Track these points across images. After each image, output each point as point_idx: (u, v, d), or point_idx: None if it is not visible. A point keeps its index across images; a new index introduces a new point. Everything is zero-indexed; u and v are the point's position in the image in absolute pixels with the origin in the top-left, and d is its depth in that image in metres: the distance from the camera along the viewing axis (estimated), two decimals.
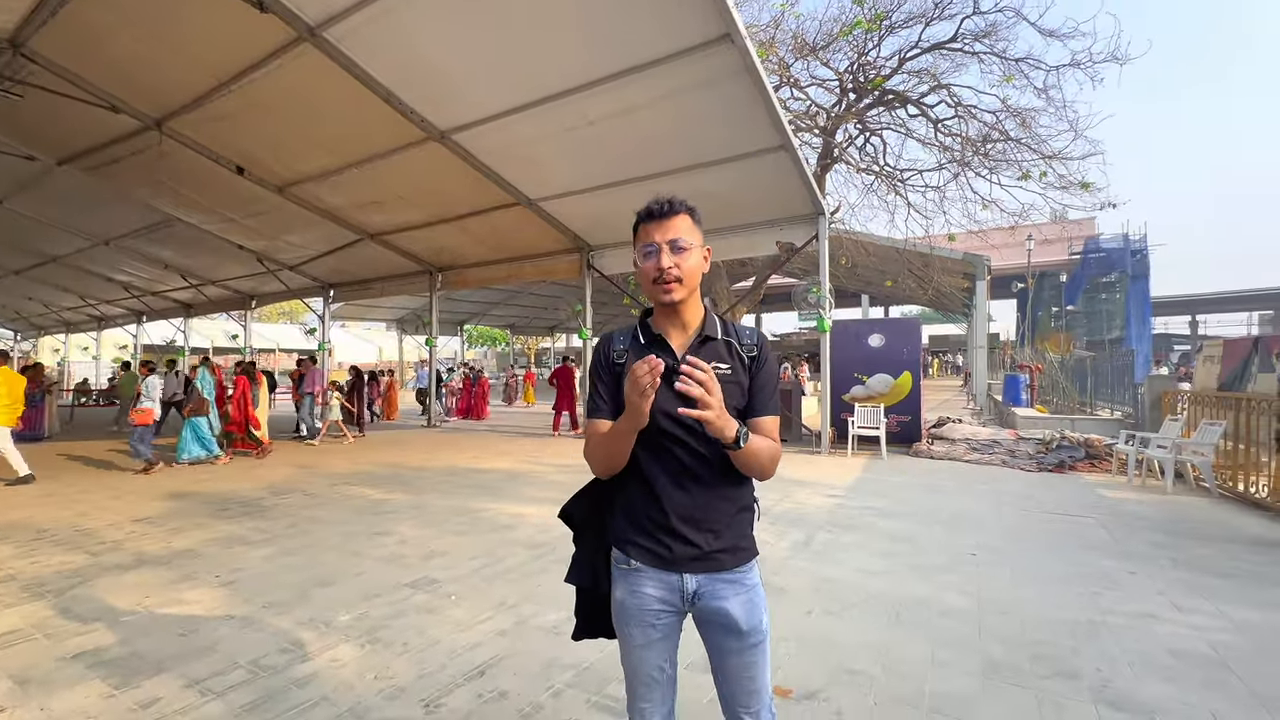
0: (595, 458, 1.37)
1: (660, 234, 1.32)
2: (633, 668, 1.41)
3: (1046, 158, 10.96)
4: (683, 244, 1.31)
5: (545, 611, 3.23)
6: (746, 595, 1.35)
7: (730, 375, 1.32)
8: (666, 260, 1.30)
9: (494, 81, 6.91)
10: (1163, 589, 3.60)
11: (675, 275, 1.30)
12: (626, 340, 1.43)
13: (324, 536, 4.68)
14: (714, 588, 1.34)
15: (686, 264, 1.31)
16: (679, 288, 1.31)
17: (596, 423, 1.38)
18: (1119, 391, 11.27)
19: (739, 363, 1.35)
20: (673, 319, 1.38)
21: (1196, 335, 39.53)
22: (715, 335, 1.37)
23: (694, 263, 1.33)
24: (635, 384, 1.16)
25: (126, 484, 6.76)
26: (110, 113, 7.99)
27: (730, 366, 1.33)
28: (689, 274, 1.32)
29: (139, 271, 16.25)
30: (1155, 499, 6.11)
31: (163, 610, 3.25)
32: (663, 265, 1.30)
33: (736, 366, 1.34)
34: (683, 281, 1.31)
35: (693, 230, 1.34)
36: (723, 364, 1.32)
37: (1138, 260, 22.29)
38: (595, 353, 1.46)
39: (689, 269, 1.31)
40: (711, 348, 1.35)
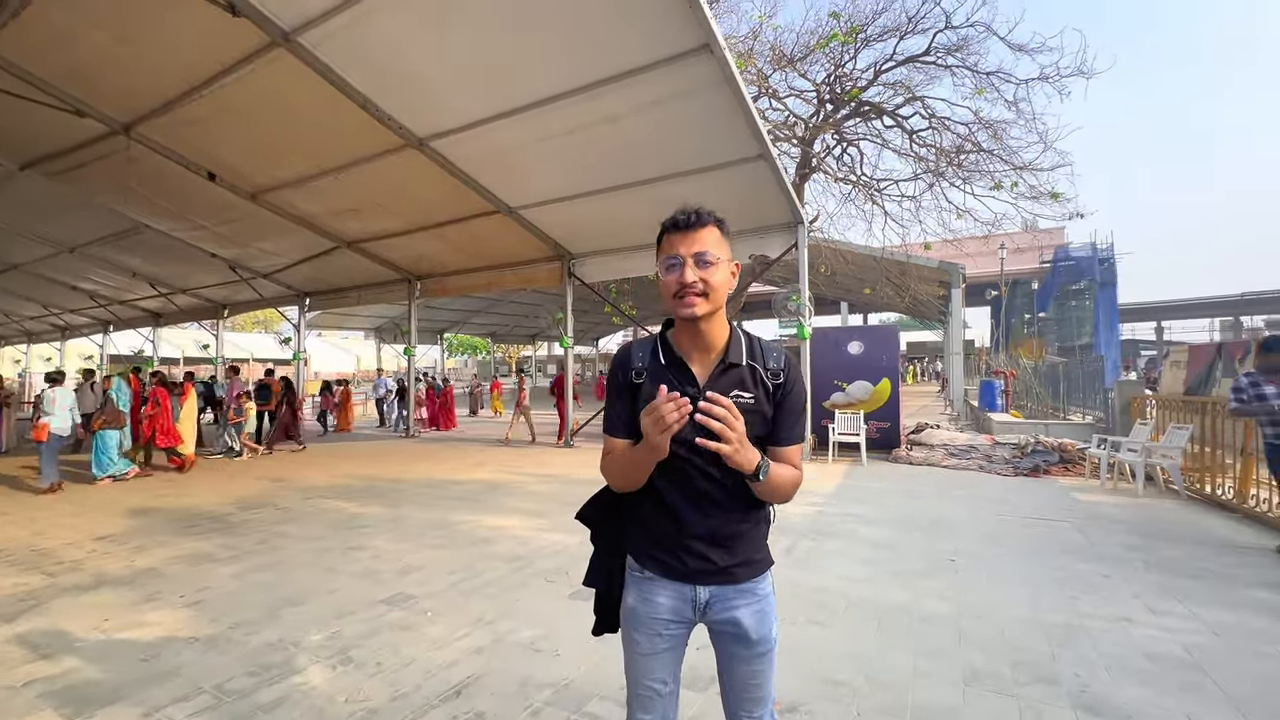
0: (611, 475, 1.36)
1: (685, 246, 1.25)
2: (635, 678, 1.40)
3: (1017, 169, 11.24)
4: (709, 258, 1.24)
5: (523, 627, 3.16)
6: (758, 605, 1.35)
7: (753, 404, 1.28)
8: (690, 275, 1.23)
9: (473, 89, 6.86)
10: (1137, 592, 3.66)
11: (699, 290, 1.23)
12: (646, 357, 1.36)
13: (296, 552, 4.55)
14: (726, 598, 1.35)
15: (712, 279, 1.24)
16: (702, 303, 1.24)
17: (613, 440, 1.35)
18: (1090, 396, 11.53)
19: (762, 391, 1.30)
20: (696, 337, 1.30)
21: (1162, 340, 40.77)
22: (739, 361, 1.30)
23: (720, 278, 1.25)
24: (658, 423, 1.11)
25: (89, 500, 6.51)
26: (75, 117, 7.75)
27: (753, 395, 1.29)
28: (714, 290, 1.24)
29: (105, 280, 15.77)
30: (1127, 502, 6.23)
31: (123, 634, 3.11)
32: (686, 280, 1.23)
33: (760, 395, 1.29)
34: (707, 297, 1.24)
35: (721, 243, 1.27)
36: (745, 392, 1.28)
37: (1105, 268, 22.97)
38: (613, 366, 1.41)
39: (714, 284, 1.24)
40: (734, 374, 1.30)
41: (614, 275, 11.33)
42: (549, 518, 5.57)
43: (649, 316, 29.31)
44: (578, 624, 3.19)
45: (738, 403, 1.25)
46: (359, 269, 12.77)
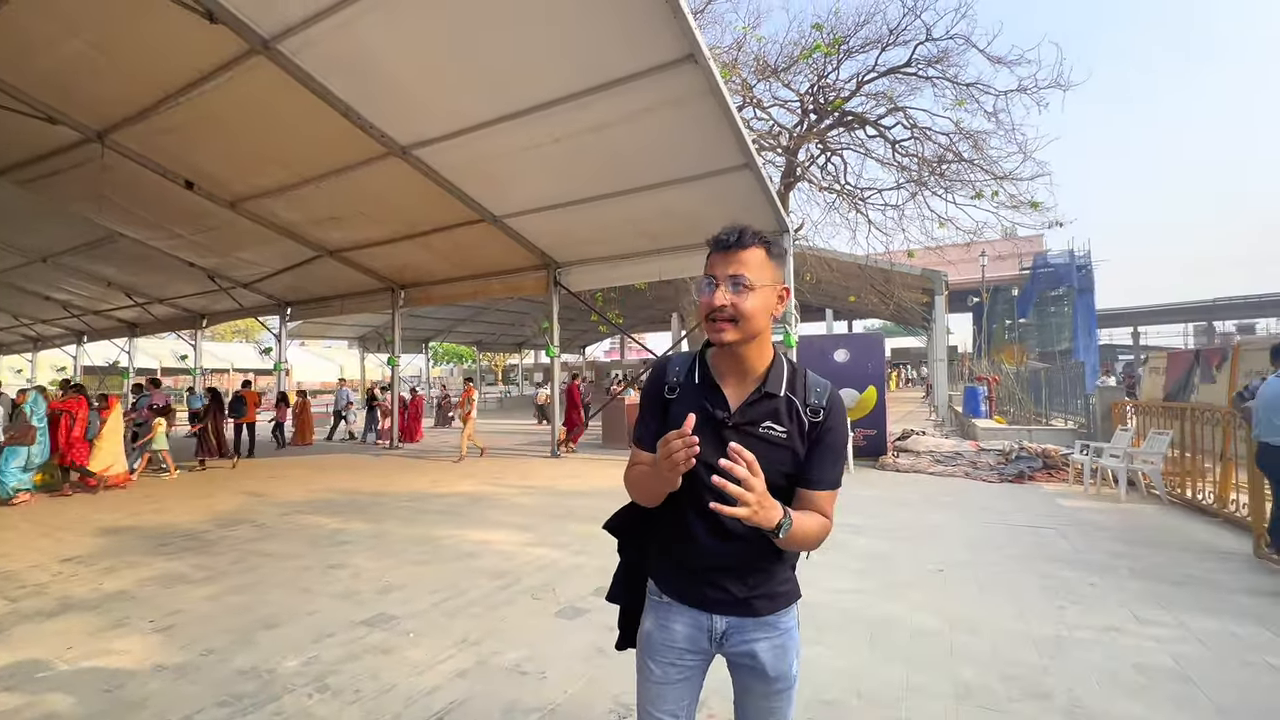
0: (633, 488, 1.31)
1: (723, 267, 1.18)
2: (644, 706, 1.34)
3: (998, 178, 11.42)
4: (745, 282, 1.16)
5: (508, 648, 3.07)
6: (778, 640, 1.28)
7: (784, 440, 1.21)
8: (721, 298, 1.16)
9: (456, 97, 6.81)
10: (1124, 600, 3.66)
11: (728, 315, 1.16)
12: (682, 373, 1.32)
13: (273, 572, 4.41)
14: (744, 630, 1.28)
15: (745, 304, 1.16)
16: (731, 329, 1.17)
17: (640, 453, 1.31)
18: (1071, 401, 11.70)
19: (796, 426, 1.22)
20: (734, 361, 1.24)
21: (1138, 345, 41.62)
22: (777, 392, 1.23)
23: (757, 304, 1.17)
24: (668, 459, 1.06)
25: (56, 519, 6.29)
26: (48, 124, 7.57)
27: (786, 431, 1.21)
28: (748, 315, 1.16)
29: (79, 289, 15.42)
30: (1110, 507, 6.29)
31: (87, 662, 2.98)
32: (715, 303, 1.17)
33: (793, 431, 1.22)
34: (737, 324, 1.16)
35: (764, 266, 1.19)
36: (778, 426, 1.21)
37: (1083, 275, 23.40)
38: (649, 378, 1.38)
39: (748, 310, 1.16)
40: (769, 405, 1.23)
41: (600, 284, 11.30)
42: (535, 531, 5.48)
43: (635, 325, 29.32)
44: (565, 644, 3.12)
45: (768, 436, 1.20)
46: (342, 278, 12.60)
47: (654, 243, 9.56)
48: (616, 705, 2.52)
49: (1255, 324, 40.40)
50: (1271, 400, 3.90)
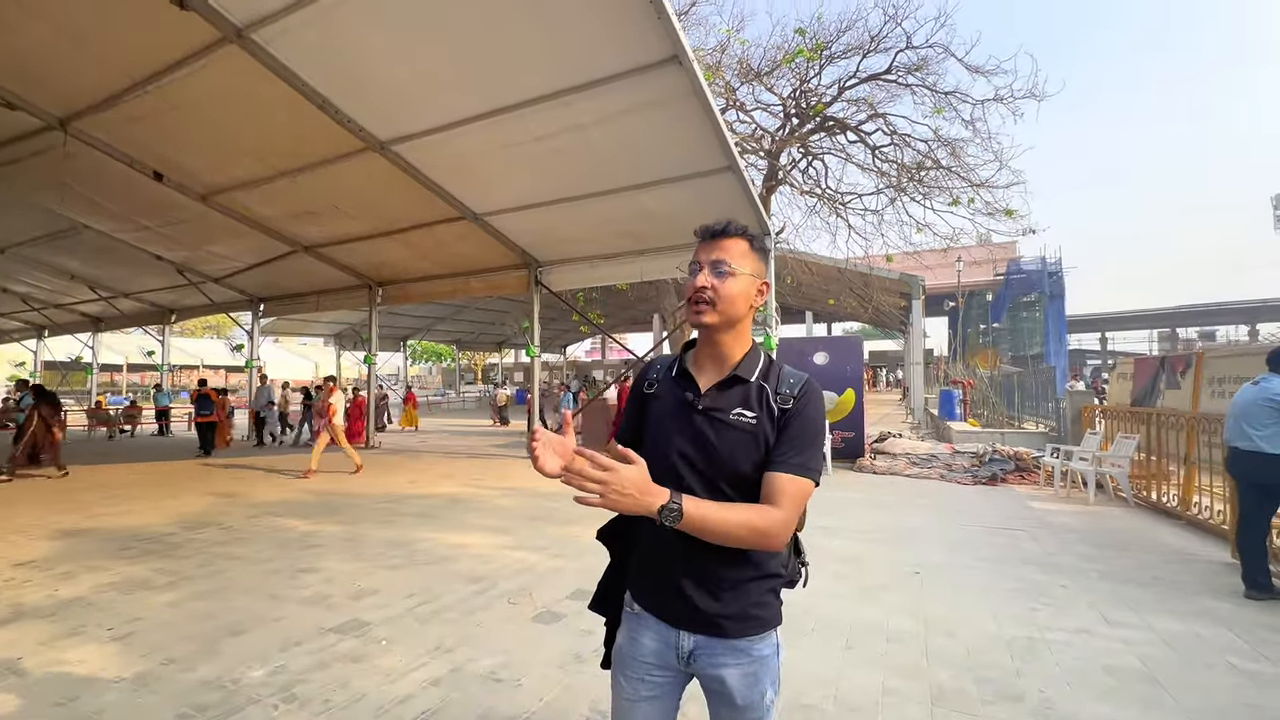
0: None
1: (706, 253, 1.23)
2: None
3: (975, 185, 11.63)
4: (726, 268, 1.20)
5: (483, 655, 3.02)
6: (749, 668, 1.21)
7: (753, 425, 1.18)
8: (703, 280, 1.20)
9: (438, 93, 6.70)
10: (1093, 602, 3.74)
11: (708, 297, 1.20)
12: (663, 370, 1.34)
13: (240, 576, 4.28)
14: (713, 652, 1.21)
15: (725, 288, 1.19)
16: (709, 312, 1.20)
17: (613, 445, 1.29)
18: (1043, 405, 11.96)
19: (766, 413, 1.19)
20: (712, 351, 1.26)
21: (1106, 351, 42.84)
22: (748, 378, 1.22)
23: (736, 289, 1.20)
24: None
25: (9, 522, 6.03)
26: (6, 109, 7.27)
27: (755, 417, 1.19)
28: (726, 299, 1.20)
29: (40, 282, 14.87)
30: (1079, 509, 6.43)
31: (38, 673, 2.84)
32: (697, 284, 1.21)
33: (762, 417, 1.19)
34: (715, 306, 1.20)
35: (745, 257, 1.22)
36: (748, 412, 1.19)
37: (1054, 281, 23.99)
38: (635, 377, 1.40)
39: (727, 294, 1.20)
40: (740, 391, 1.22)
41: (582, 284, 11.24)
42: (512, 534, 5.42)
43: (616, 325, 29.27)
44: (541, 650, 3.07)
45: (738, 423, 1.18)
46: (317, 274, 12.34)
47: (636, 243, 9.53)
48: (593, 713, 2.48)
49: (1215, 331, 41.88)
50: (1244, 407, 4.01)
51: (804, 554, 1.37)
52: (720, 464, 1.18)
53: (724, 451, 1.18)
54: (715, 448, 1.18)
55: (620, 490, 1.00)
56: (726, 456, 1.18)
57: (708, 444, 1.19)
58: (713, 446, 1.19)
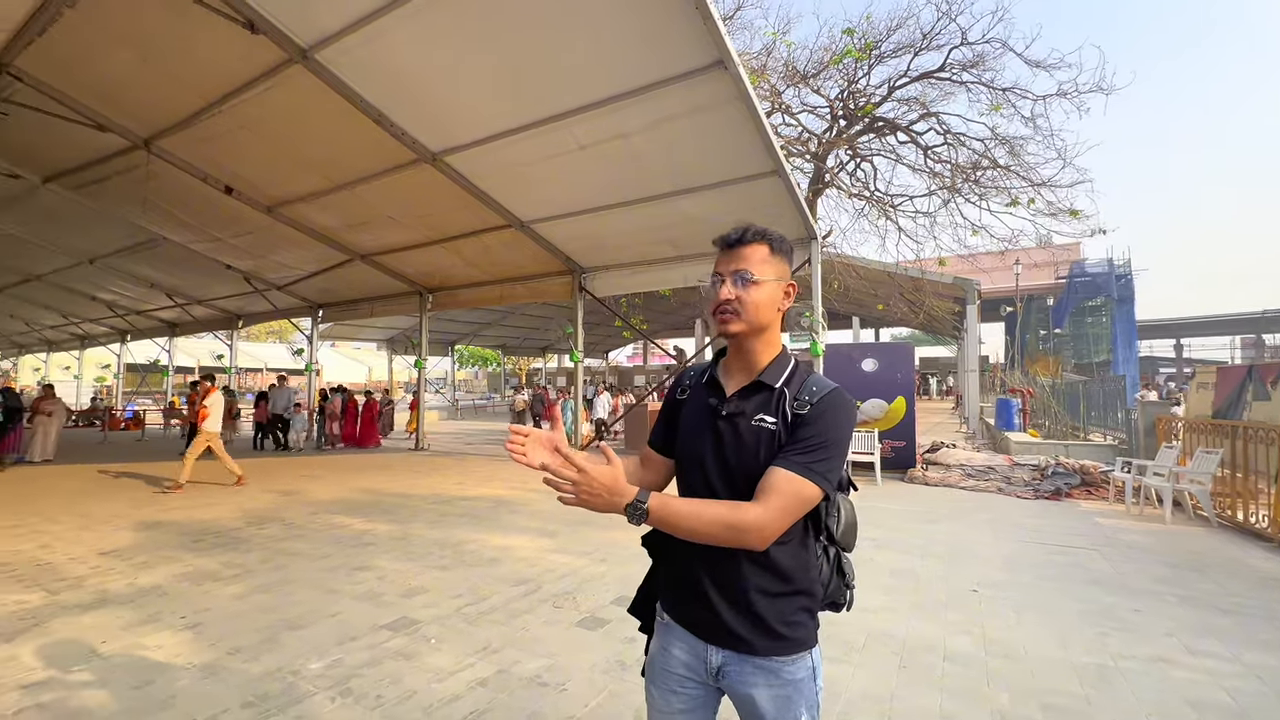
0: None
1: (726, 264, 1.23)
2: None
3: (1035, 185, 11.10)
4: (749, 276, 1.20)
5: (529, 658, 3.05)
6: (782, 690, 1.16)
7: (771, 430, 1.18)
8: (726, 292, 1.20)
9: (486, 105, 6.88)
10: (1171, 629, 3.48)
11: (733, 309, 1.20)
12: (696, 377, 1.36)
13: (300, 571, 4.47)
14: (742, 670, 1.18)
15: (749, 298, 1.19)
16: (736, 322, 1.21)
17: (646, 449, 1.39)
18: (1110, 416, 11.27)
19: (782, 419, 1.18)
20: (741, 358, 1.26)
21: (1181, 358, 40.04)
22: (772, 384, 1.22)
23: (761, 297, 1.20)
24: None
25: (97, 511, 6.49)
26: (97, 131, 7.88)
27: (775, 421, 1.18)
28: (751, 308, 1.20)
29: (124, 290, 16.00)
30: (1154, 528, 6.01)
31: (119, 657, 3.04)
32: (721, 297, 1.21)
33: (780, 424, 1.18)
34: (741, 315, 1.20)
35: (767, 262, 1.22)
36: (769, 417, 1.19)
37: (1123, 284, 22.63)
38: (670, 385, 1.44)
39: (752, 303, 1.20)
40: (763, 396, 1.21)
41: (625, 290, 11.29)
42: (556, 538, 5.47)
43: (659, 330, 29.27)
44: (585, 655, 3.08)
45: (760, 427, 1.18)
46: (371, 281, 12.84)
47: (679, 249, 9.52)
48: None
49: None
50: None
51: (849, 575, 1.32)
52: (742, 468, 1.18)
53: (744, 456, 1.18)
54: (737, 452, 1.19)
55: (589, 490, 1.06)
56: (747, 461, 1.18)
57: (729, 449, 1.20)
58: (734, 451, 1.19)
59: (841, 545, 1.29)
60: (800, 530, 1.20)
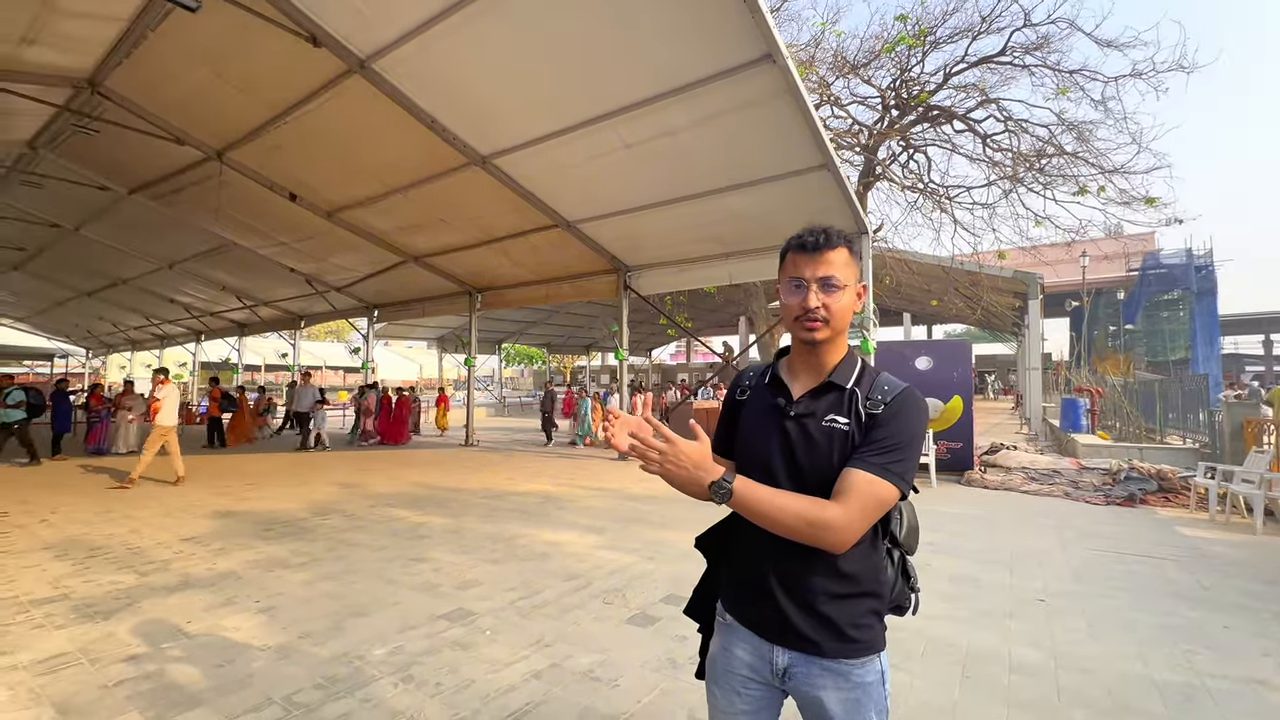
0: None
1: (811, 269, 1.18)
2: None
3: (1106, 172, 10.45)
4: (836, 282, 1.17)
5: (580, 653, 3.09)
6: (851, 693, 1.15)
7: (844, 431, 1.16)
8: (814, 300, 1.17)
9: (534, 107, 6.99)
10: (1268, 649, 3.22)
11: (822, 317, 1.17)
12: (756, 378, 1.34)
13: (361, 561, 4.67)
14: (809, 672, 1.17)
15: (836, 304, 1.17)
16: (824, 329, 1.18)
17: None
18: (1190, 418, 10.51)
19: (855, 420, 1.16)
20: (808, 359, 1.24)
21: (1271, 355, 36.94)
22: (843, 385, 1.20)
23: (845, 302, 1.18)
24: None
25: (176, 500, 6.96)
26: (176, 145, 8.44)
27: (847, 422, 1.16)
28: (837, 315, 1.18)
29: (198, 293, 17.08)
30: (1243, 539, 5.58)
31: (203, 636, 3.25)
32: (809, 305, 1.17)
33: (853, 424, 1.16)
34: (829, 323, 1.18)
35: (848, 266, 1.20)
36: (840, 418, 1.17)
37: (1203, 276, 21.04)
38: (729, 385, 1.42)
39: (838, 309, 1.17)
40: (833, 397, 1.19)
41: (669, 288, 11.28)
42: (605, 534, 5.52)
43: (703, 329, 29.09)
44: (636, 652, 3.09)
45: (831, 428, 1.16)
46: (424, 282, 13.27)
47: (725, 246, 9.44)
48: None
49: None
50: None
51: (914, 579, 1.30)
52: (812, 469, 1.16)
53: (815, 457, 1.16)
54: (807, 453, 1.17)
55: (676, 461, 1.05)
56: (818, 462, 1.15)
57: (799, 449, 1.17)
58: (804, 452, 1.17)
59: (905, 548, 1.28)
60: (869, 532, 1.18)
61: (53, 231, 12.98)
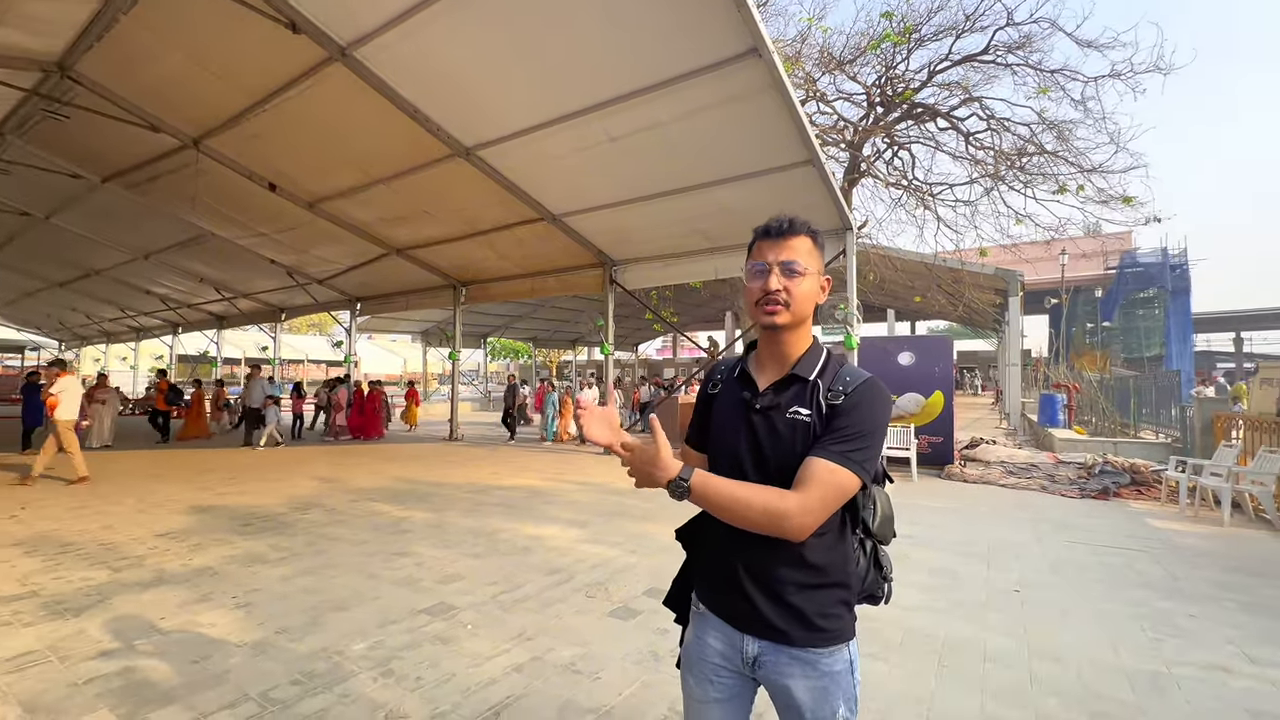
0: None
1: (774, 254, 1.21)
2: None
3: (1085, 171, 10.61)
4: (797, 268, 1.19)
5: (562, 646, 3.09)
6: (819, 682, 1.16)
7: (806, 422, 1.17)
8: (775, 282, 1.19)
9: (519, 98, 6.92)
10: (1231, 636, 3.31)
11: (782, 300, 1.19)
12: (728, 371, 1.36)
13: (342, 556, 4.62)
14: (778, 661, 1.18)
15: (797, 289, 1.19)
16: (784, 313, 1.20)
17: (685, 446, 1.41)
18: (1163, 413, 10.76)
19: (817, 411, 1.17)
20: (774, 350, 1.25)
21: (1241, 353, 37.94)
22: (806, 376, 1.21)
23: (806, 289, 1.20)
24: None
25: (152, 496, 6.82)
26: (150, 132, 8.22)
27: (809, 413, 1.17)
28: (798, 300, 1.19)
29: (175, 284, 16.72)
30: (1211, 531, 5.73)
31: (177, 633, 3.20)
32: (769, 287, 1.19)
33: (814, 415, 1.17)
34: (789, 307, 1.19)
35: (812, 254, 1.22)
36: (803, 409, 1.18)
37: (1178, 275, 21.52)
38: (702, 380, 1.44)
39: (799, 295, 1.19)
40: (797, 389, 1.21)
41: (655, 282, 11.26)
42: (588, 528, 5.51)
43: (689, 323, 29.14)
44: (618, 644, 3.10)
45: (795, 419, 1.17)
46: (407, 275, 13.11)
47: (711, 241, 9.44)
48: (672, 713, 2.48)
49: None
50: None
51: (887, 568, 1.31)
52: (777, 461, 1.17)
53: (780, 449, 1.17)
54: (772, 445, 1.18)
55: (633, 466, 1.12)
56: (783, 454, 1.17)
57: (765, 442, 1.19)
58: (769, 444, 1.19)
59: (878, 538, 1.29)
60: (836, 523, 1.20)
61: (22, 220, 12.60)
